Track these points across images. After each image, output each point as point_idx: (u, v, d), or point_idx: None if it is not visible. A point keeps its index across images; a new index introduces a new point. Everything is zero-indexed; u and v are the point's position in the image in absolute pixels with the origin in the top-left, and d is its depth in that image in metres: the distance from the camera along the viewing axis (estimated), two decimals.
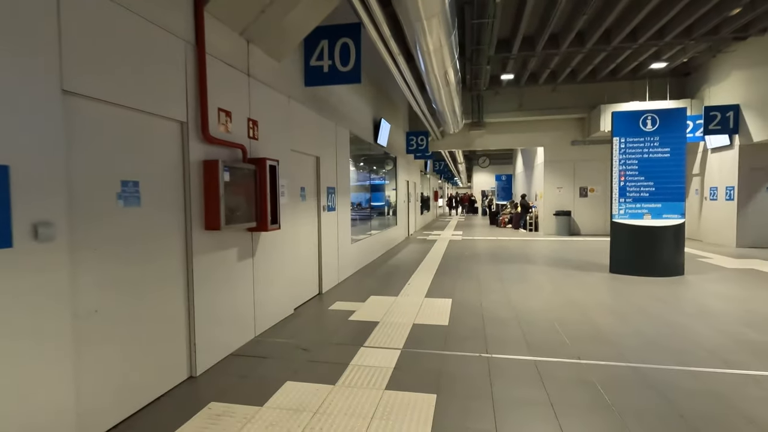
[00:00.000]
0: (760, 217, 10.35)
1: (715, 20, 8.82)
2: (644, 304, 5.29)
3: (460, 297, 5.77)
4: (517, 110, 14.17)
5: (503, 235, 14.96)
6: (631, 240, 7.17)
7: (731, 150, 10.63)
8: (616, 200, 7.27)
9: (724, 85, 10.95)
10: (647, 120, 7.13)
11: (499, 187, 28.37)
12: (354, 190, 8.65)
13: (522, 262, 8.77)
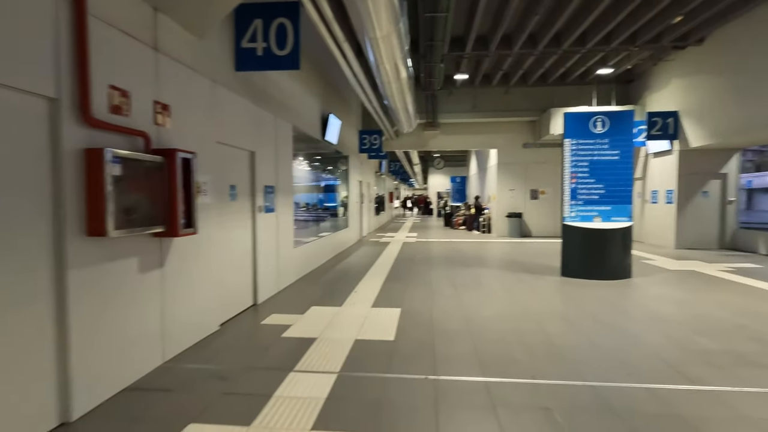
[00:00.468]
0: (696, 220, 10.81)
1: (658, 28, 9.03)
2: (597, 310, 5.11)
3: (410, 306, 5.34)
4: (470, 111, 14.09)
5: (457, 237, 14.84)
6: (582, 243, 7.09)
7: (671, 155, 11.05)
8: (568, 203, 7.17)
9: (664, 92, 11.37)
10: (597, 122, 7.08)
11: (454, 189, 28.58)
12: (301, 190, 8.04)
13: (475, 265, 8.53)
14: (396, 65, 6.36)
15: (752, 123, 8.43)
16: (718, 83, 9.41)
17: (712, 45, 9.56)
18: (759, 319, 4.70)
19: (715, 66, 9.49)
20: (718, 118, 9.39)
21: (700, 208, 10.82)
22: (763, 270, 7.71)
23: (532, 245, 12.03)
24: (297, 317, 4.83)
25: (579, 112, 7.30)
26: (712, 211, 10.84)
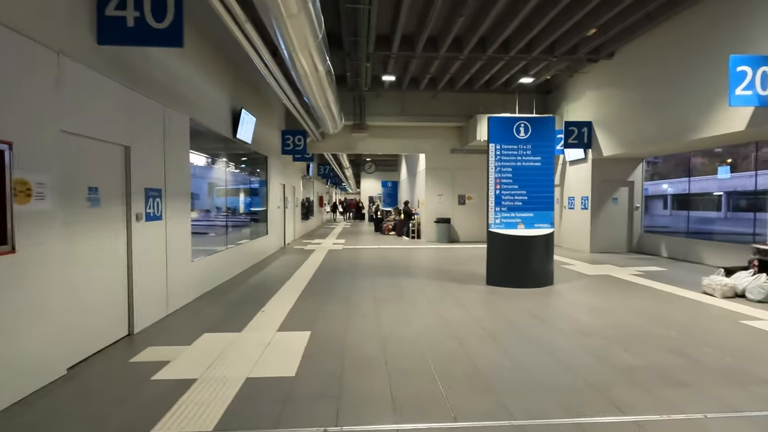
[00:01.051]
0: (608, 225, 11.39)
1: (575, 39, 9.31)
2: (522, 324, 4.83)
3: (323, 328, 4.67)
4: (399, 114, 13.80)
5: (386, 243, 14.44)
6: (507, 251, 6.92)
7: (586, 163, 11.55)
8: (492, 209, 6.97)
9: (579, 103, 11.90)
10: (520, 127, 6.97)
11: (385, 194, 28.40)
12: (210, 194, 7.04)
13: (400, 275, 8.08)
14: (311, 55, 5.69)
15: (656, 134, 8.95)
16: (626, 96, 9.95)
17: (621, 59, 10.10)
18: (672, 326, 4.69)
19: (624, 79, 10.03)
20: (627, 129, 9.92)
21: (610, 214, 11.42)
22: (667, 273, 8.13)
23: (459, 251, 11.94)
24: (181, 349, 3.94)
25: (503, 117, 7.17)
26: (621, 216, 11.50)
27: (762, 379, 3.30)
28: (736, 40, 6.87)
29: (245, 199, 9.67)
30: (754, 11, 6.66)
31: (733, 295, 6.05)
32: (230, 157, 8.24)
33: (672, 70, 8.40)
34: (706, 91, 7.53)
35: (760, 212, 26.35)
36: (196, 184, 7.02)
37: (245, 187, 9.61)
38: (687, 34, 8.01)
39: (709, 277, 6.34)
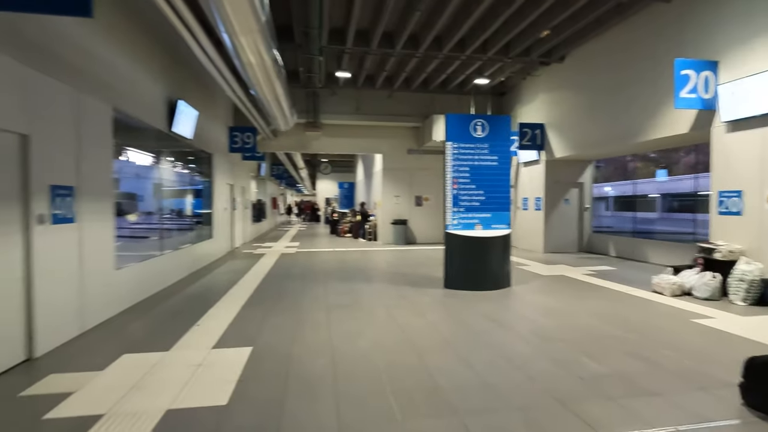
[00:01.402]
0: (560, 226, 11.60)
1: (528, 41, 9.35)
2: (482, 329, 4.58)
3: (267, 341, 4.18)
4: (354, 113, 13.40)
5: (342, 245, 13.98)
6: (465, 252, 6.71)
7: (539, 164, 11.71)
8: (450, 209, 6.74)
9: (532, 105, 12.06)
10: (477, 126, 6.80)
11: (341, 195, 27.83)
12: (153, 195, 6.29)
13: (356, 279, 7.67)
14: (255, 41, 5.17)
15: (605, 137, 9.16)
16: (577, 99, 10.14)
17: (572, 63, 10.30)
18: (628, 327, 4.63)
19: (574, 83, 10.23)
20: (577, 132, 10.12)
21: (562, 214, 11.64)
22: (617, 272, 8.28)
23: (416, 253, 11.72)
24: (90, 376, 3.31)
25: (460, 115, 6.98)
26: (572, 217, 11.76)
27: (723, 381, 3.21)
28: (681, 45, 7.09)
29: (187, 199, 8.89)
30: (698, 17, 6.89)
31: (681, 293, 6.18)
32: (167, 154, 7.48)
33: (621, 74, 8.61)
34: (653, 94, 7.74)
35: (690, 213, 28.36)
36: (127, 184, 6.26)
37: (186, 187, 8.83)
38: (635, 39, 8.23)
39: (659, 276, 6.45)
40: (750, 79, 5.89)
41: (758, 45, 5.92)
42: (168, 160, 7.54)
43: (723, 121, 6.38)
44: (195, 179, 9.26)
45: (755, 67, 5.92)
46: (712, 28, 6.61)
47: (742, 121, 6.13)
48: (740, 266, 5.77)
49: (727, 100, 6.23)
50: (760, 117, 5.87)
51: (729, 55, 6.34)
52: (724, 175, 6.46)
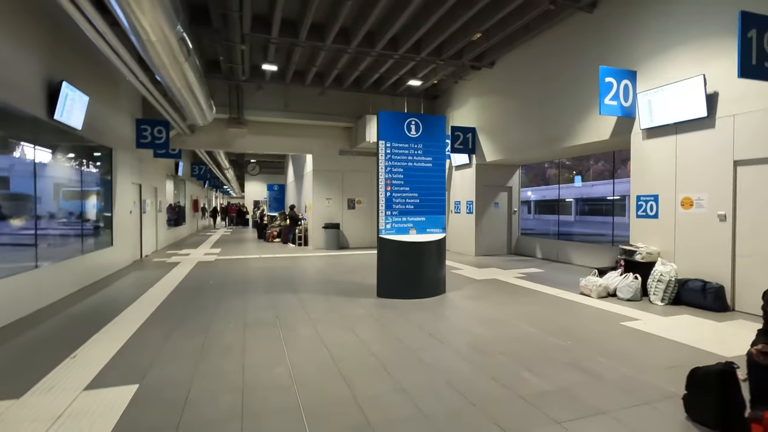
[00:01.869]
0: (491, 229, 11.75)
1: (461, 43, 9.28)
2: (418, 345, 4.18)
3: (160, 376, 3.41)
4: (283, 111, 12.57)
5: (269, 251, 13.03)
6: (399, 258, 6.32)
7: (470, 168, 11.79)
8: (383, 213, 6.32)
9: (464, 109, 12.13)
10: (411, 125, 6.47)
11: (271, 197, 26.50)
12: (30, 195, 5.05)
13: (281, 290, 6.96)
14: (152, 13, 4.33)
15: (533, 141, 9.36)
16: (506, 104, 10.31)
17: (501, 69, 10.46)
18: (564, 334, 4.51)
19: (504, 88, 10.40)
20: (506, 137, 10.28)
21: (492, 217, 11.82)
22: (545, 274, 8.43)
23: (349, 259, 11.19)
24: None
25: (394, 113, 6.59)
26: (502, 220, 11.98)
27: (662, 391, 3.09)
28: (604, 54, 7.35)
29: (78, 201, 7.54)
30: (618, 29, 7.17)
31: (606, 294, 6.32)
32: (49, 147, 6.21)
33: (548, 81, 8.83)
34: (579, 101, 7.98)
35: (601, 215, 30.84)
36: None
37: (78, 187, 7.48)
38: (561, 47, 8.46)
39: (586, 278, 6.56)
40: (664, 89, 6.19)
41: (672, 57, 6.24)
42: (51, 154, 6.26)
43: (641, 129, 6.66)
44: (89, 178, 7.91)
45: (669, 78, 6.23)
46: (630, 39, 6.91)
47: (657, 128, 6.43)
48: (658, 267, 6.01)
49: (644, 108, 6.52)
50: (674, 125, 6.19)
51: (646, 66, 6.65)
52: (641, 180, 6.76)
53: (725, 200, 5.56)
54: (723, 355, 3.84)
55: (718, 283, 5.53)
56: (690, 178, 6.00)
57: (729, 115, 5.50)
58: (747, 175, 5.37)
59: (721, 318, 5.15)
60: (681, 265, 6.01)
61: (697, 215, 5.90)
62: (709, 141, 5.74)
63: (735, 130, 5.44)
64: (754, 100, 5.23)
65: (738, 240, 5.47)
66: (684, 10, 6.07)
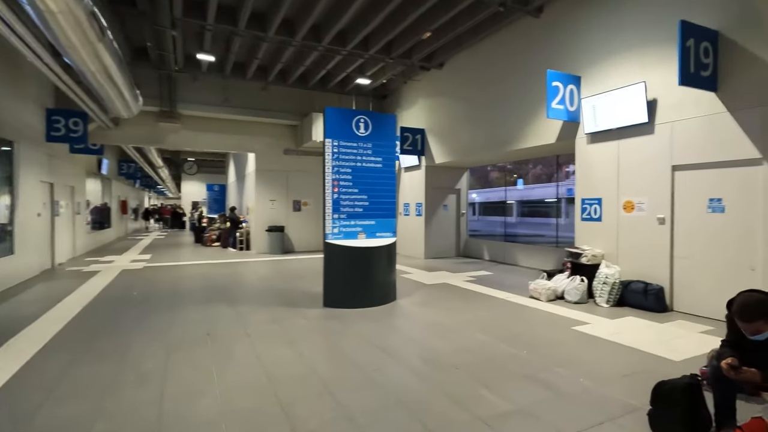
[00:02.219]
0: (440, 231, 11.68)
1: (410, 41, 9.07)
2: (368, 362, 3.81)
3: (49, 420, 2.75)
4: (222, 105, 11.71)
5: (207, 256, 12.06)
6: (347, 265, 5.92)
7: (419, 170, 11.64)
8: (330, 216, 5.89)
9: (413, 110, 11.98)
10: (360, 122, 6.11)
11: (211, 198, 24.97)
12: None
13: (217, 300, 6.29)
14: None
15: (481, 144, 9.36)
16: (454, 106, 10.26)
17: (450, 70, 10.41)
18: (518, 342, 4.35)
19: (451, 90, 10.35)
20: (455, 139, 10.23)
21: (441, 220, 11.75)
22: (494, 277, 8.42)
23: (294, 264, 10.59)
24: None
25: (342, 109, 6.20)
26: (451, 222, 11.96)
27: (624, 405, 2.96)
28: (551, 59, 7.43)
29: None
30: (563, 34, 7.28)
31: (555, 297, 6.33)
32: None
33: (496, 84, 8.85)
34: (527, 105, 8.04)
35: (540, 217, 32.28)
36: None
37: None
38: (510, 50, 8.50)
39: (535, 282, 6.54)
40: (607, 95, 6.32)
41: (614, 64, 6.40)
42: None
43: (585, 133, 6.78)
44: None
45: (612, 84, 6.38)
46: (575, 45, 7.04)
47: (601, 133, 6.57)
48: (603, 270, 6.10)
49: (589, 113, 6.64)
50: (616, 130, 6.34)
51: (590, 72, 6.79)
52: (586, 183, 6.88)
53: (664, 204, 5.74)
54: (672, 359, 3.84)
55: (658, 285, 5.69)
56: (631, 182, 6.17)
57: (668, 121, 5.69)
58: (684, 180, 5.57)
59: (662, 318, 5.28)
60: (624, 267, 6.15)
61: (639, 218, 6.06)
62: (649, 146, 5.92)
63: (673, 136, 5.63)
64: (690, 107, 5.43)
65: (676, 242, 5.67)
66: (626, 19, 6.24)
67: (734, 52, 5.01)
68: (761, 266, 4.80)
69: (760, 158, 4.79)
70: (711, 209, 5.29)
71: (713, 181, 5.27)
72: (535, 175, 38.16)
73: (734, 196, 5.07)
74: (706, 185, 5.33)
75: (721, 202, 5.20)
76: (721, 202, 5.20)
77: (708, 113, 5.26)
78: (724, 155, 5.13)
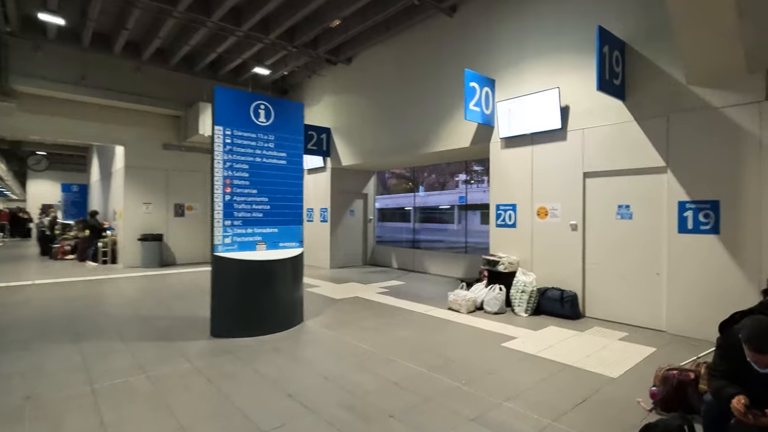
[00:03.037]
0: (347, 239, 10.91)
1: (316, 29, 8.21)
2: (273, 423, 2.83)
3: None
4: (79, 84, 9.41)
5: (55, 273, 9.53)
6: (243, 283, 4.79)
7: (325, 172, 10.75)
8: (221, 223, 4.71)
9: (318, 107, 11.06)
10: (260, 109, 5.06)
11: (67, 201, 20.68)
12: None
13: (54, 337, 4.61)
14: None
15: (393, 146, 8.85)
16: (364, 105, 9.63)
17: (359, 66, 9.76)
18: (452, 369, 3.77)
19: (360, 88, 9.71)
20: (364, 140, 9.60)
21: (348, 226, 11.00)
22: (408, 288, 7.91)
23: (174, 279, 8.85)
24: None
25: (238, 91, 5.07)
26: (358, 229, 11.28)
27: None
28: (466, 60, 7.19)
29: None
30: (477, 36, 7.10)
31: (474, 308, 5.99)
32: None
33: (408, 83, 8.42)
34: (441, 107, 7.71)
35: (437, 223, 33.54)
36: None
37: None
38: (424, 50, 8.12)
39: (454, 292, 6.13)
40: (522, 100, 6.23)
41: (528, 69, 6.34)
42: None
43: (500, 138, 6.64)
44: None
45: (525, 89, 6.31)
46: (489, 48, 6.89)
47: (515, 138, 6.46)
48: (520, 278, 5.93)
49: (503, 117, 6.49)
50: (530, 135, 6.27)
51: (504, 75, 6.67)
52: (500, 189, 6.73)
53: (576, 210, 5.76)
54: (611, 375, 3.60)
55: (573, 291, 5.66)
56: (545, 188, 6.13)
57: (579, 128, 5.73)
58: (595, 187, 5.64)
59: (579, 326, 5.20)
60: (539, 274, 6.06)
61: (552, 224, 6.03)
62: (562, 153, 5.92)
63: (584, 143, 5.68)
64: (600, 115, 5.51)
65: (587, 248, 5.71)
66: (539, 25, 6.22)
67: (640, 63, 5.17)
68: (665, 271, 4.97)
69: (664, 166, 4.97)
70: (620, 215, 5.40)
71: (622, 188, 5.38)
72: (429, 183, 39.82)
73: (641, 203, 5.22)
74: (616, 192, 5.43)
75: (629, 208, 5.33)
76: (629, 209, 5.33)
77: (616, 122, 5.37)
78: (631, 163, 5.26)
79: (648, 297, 5.13)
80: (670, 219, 4.91)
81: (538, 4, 6.22)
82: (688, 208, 4.78)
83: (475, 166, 36.03)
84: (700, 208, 4.69)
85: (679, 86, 4.86)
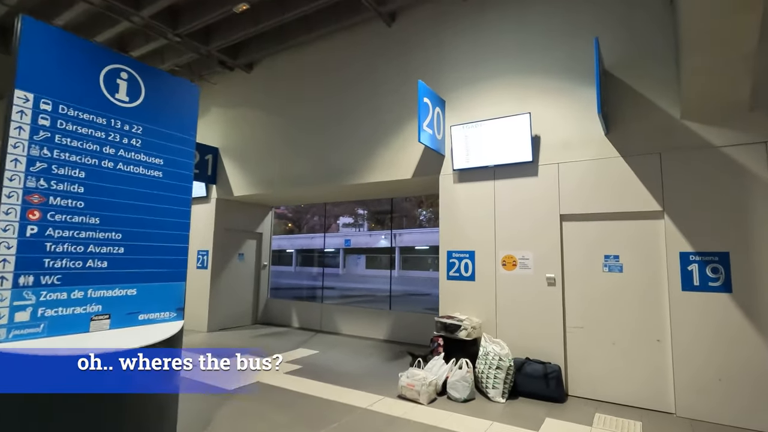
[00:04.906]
0: (232, 290, 8.40)
1: (213, 15, 6.24)
2: None
3: None
4: None
5: None
6: (47, 411, 2.36)
7: (207, 204, 8.27)
8: (11, 279, 2.31)
9: (203, 121, 8.66)
10: (122, 78, 2.91)
11: None
12: None
13: None
14: None
15: (292, 176, 7.09)
16: (262, 122, 7.72)
17: (264, 75, 7.90)
18: None
19: (262, 101, 7.82)
20: (261, 165, 7.61)
21: (235, 274, 8.55)
22: (324, 358, 5.93)
23: None
24: None
25: (77, 38, 2.83)
26: (248, 278, 8.87)
27: None
28: (409, 77, 5.94)
29: None
30: (423, 49, 5.97)
31: (436, 396, 4.35)
32: None
33: (330, 100, 6.85)
34: (372, 130, 6.27)
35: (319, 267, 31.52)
36: None
37: None
38: (353, 58, 6.70)
39: (408, 374, 4.41)
40: (483, 125, 5.16)
41: (486, 89, 5.35)
42: None
43: (454, 169, 5.42)
44: None
45: (483, 113, 5.28)
46: (439, 63, 5.78)
47: (473, 170, 5.30)
48: (490, 348, 4.53)
49: (459, 145, 5.32)
50: (492, 168, 5.18)
51: (457, 96, 5.58)
52: (453, 232, 5.42)
53: (553, 261, 4.71)
54: None
55: (556, 365, 4.46)
56: (512, 232, 5.00)
57: (553, 162, 4.82)
58: (574, 232, 4.69)
59: (574, 414, 3.95)
60: (505, 341, 4.74)
61: (522, 278, 4.86)
62: (533, 190, 4.91)
63: (560, 179, 4.75)
64: (578, 149, 4.68)
65: (568, 308, 4.63)
66: (501, 44, 5.33)
67: (624, 91, 4.51)
68: (668, 336, 4.09)
69: (660, 211, 4.23)
70: (607, 267, 4.48)
71: (608, 234, 4.51)
72: (310, 226, 37.89)
73: (633, 253, 4.37)
74: (601, 239, 4.53)
75: (618, 259, 4.44)
76: (618, 260, 4.44)
77: (598, 156, 4.58)
78: (618, 205, 4.44)
79: (647, 369, 4.17)
80: (671, 273, 4.11)
81: (500, 21, 5.36)
82: (692, 261, 4.03)
83: (359, 210, 35.13)
84: (707, 261, 3.97)
85: (671, 120, 4.26)
